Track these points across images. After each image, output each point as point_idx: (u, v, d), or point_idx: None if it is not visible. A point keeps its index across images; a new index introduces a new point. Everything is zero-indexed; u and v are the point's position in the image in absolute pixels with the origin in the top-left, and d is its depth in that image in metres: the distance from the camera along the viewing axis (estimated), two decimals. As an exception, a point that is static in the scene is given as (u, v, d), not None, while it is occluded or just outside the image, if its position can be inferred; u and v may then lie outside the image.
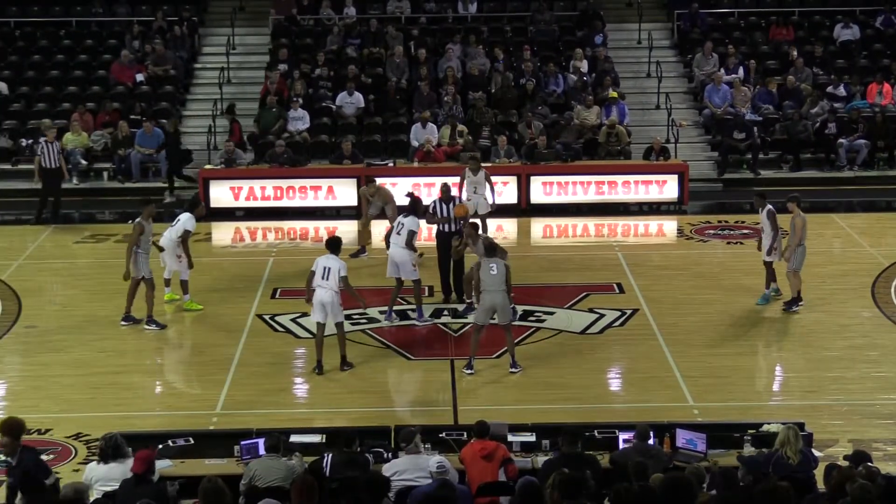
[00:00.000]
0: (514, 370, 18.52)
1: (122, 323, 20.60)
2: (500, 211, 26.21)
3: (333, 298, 18.46)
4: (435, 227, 21.75)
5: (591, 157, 29.55)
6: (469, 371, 18.44)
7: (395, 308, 20.87)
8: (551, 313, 20.97)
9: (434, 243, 21.79)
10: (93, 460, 13.43)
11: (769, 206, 20.99)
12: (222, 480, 11.14)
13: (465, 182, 24.23)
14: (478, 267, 18.47)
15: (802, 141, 30.75)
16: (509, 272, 18.52)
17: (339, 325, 18.77)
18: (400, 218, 20.81)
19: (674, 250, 25.32)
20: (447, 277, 21.48)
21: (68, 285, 23.00)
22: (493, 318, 18.48)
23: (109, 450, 12.78)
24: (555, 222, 27.47)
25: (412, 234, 20.33)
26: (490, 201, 24.23)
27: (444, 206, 21.50)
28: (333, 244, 18.89)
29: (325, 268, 18.50)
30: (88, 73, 33.09)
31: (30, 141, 30.19)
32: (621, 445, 13.82)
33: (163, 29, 33.60)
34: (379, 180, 27.40)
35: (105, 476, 12.65)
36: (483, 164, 27.58)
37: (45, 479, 12.25)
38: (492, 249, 18.76)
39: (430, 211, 21.56)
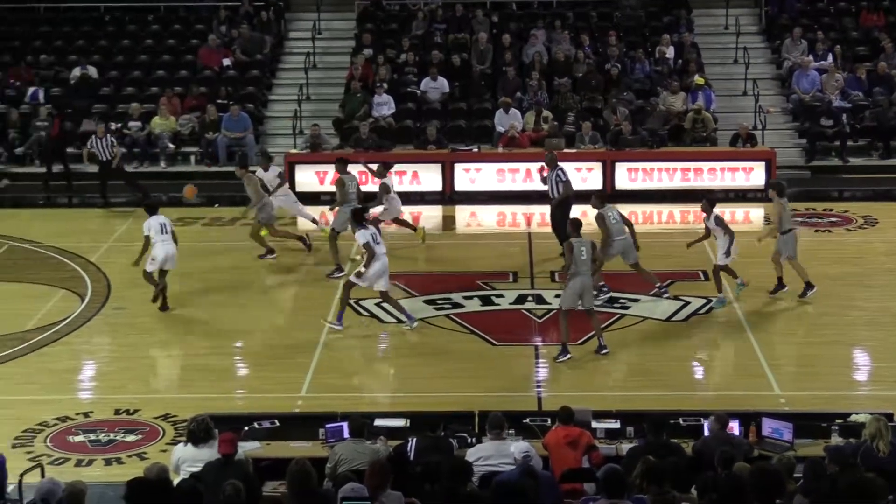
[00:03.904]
0: (605, 351, 18.47)
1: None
2: (584, 197, 26.07)
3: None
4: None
5: (677, 143, 29.31)
6: (566, 357, 18.34)
7: (478, 294, 20.92)
8: (636, 300, 20.88)
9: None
10: (180, 441, 13.55)
11: (715, 213, 20.56)
12: (309, 463, 11.22)
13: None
14: (570, 248, 18.34)
15: (893, 128, 30.30)
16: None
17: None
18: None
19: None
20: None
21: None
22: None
23: (200, 433, 12.81)
24: (640, 209, 27.20)
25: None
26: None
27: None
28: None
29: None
30: (176, 58, 33.40)
31: (118, 125, 30.54)
32: (706, 433, 13.67)
33: (249, 14, 33.81)
34: (464, 165, 27.56)
35: (193, 457, 12.72)
36: (567, 150, 27.58)
37: None
38: (579, 226, 18.80)
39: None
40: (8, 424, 16.30)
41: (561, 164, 23.22)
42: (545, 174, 23.14)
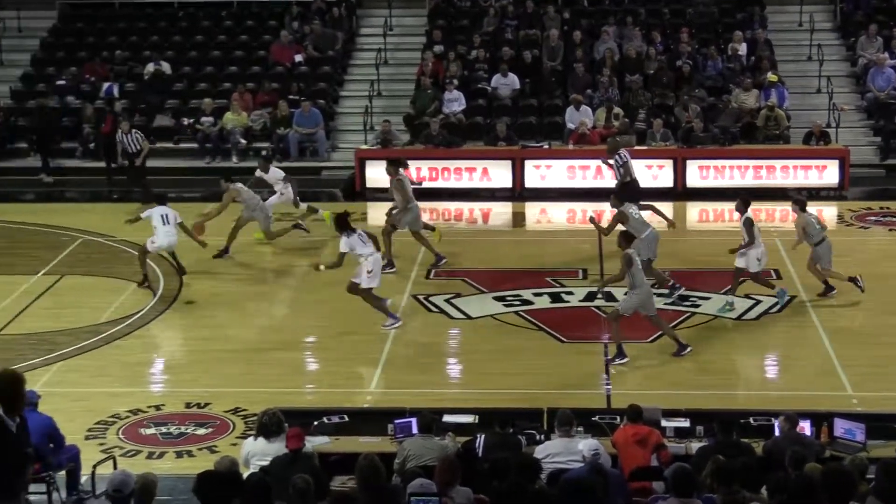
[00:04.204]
0: (688, 349, 18.35)
1: None
2: (656, 194, 25.97)
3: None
4: None
5: (749, 141, 29.01)
6: (623, 360, 18.21)
7: (548, 291, 20.86)
8: (707, 298, 20.72)
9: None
10: (250, 435, 13.58)
11: (747, 215, 20.20)
12: (378, 458, 11.19)
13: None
14: (629, 261, 18.02)
15: (969, 126, 29.90)
16: None
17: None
18: None
19: (833, 237, 24.50)
20: None
21: (226, 262, 23.24)
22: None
23: (273, 426, 12.89)
24: (711, 206, 27.11)
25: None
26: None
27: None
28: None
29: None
30: (248, 54, 33.58)
31: (191, 120, 30.78)
32: (776, 433, 13.56)
33: (321, 10, 33.92)
34: (534, 162, 27.56)
35: (262, 451, 12.79)
36: (638, 147, 27.45)
37: None
38: (631, 238, 18.73)
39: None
40: (82, 416, 16.48)
41: (622, 152, 23.87)
42: (609, 161, 23.77)
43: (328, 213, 23.80)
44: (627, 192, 23.04)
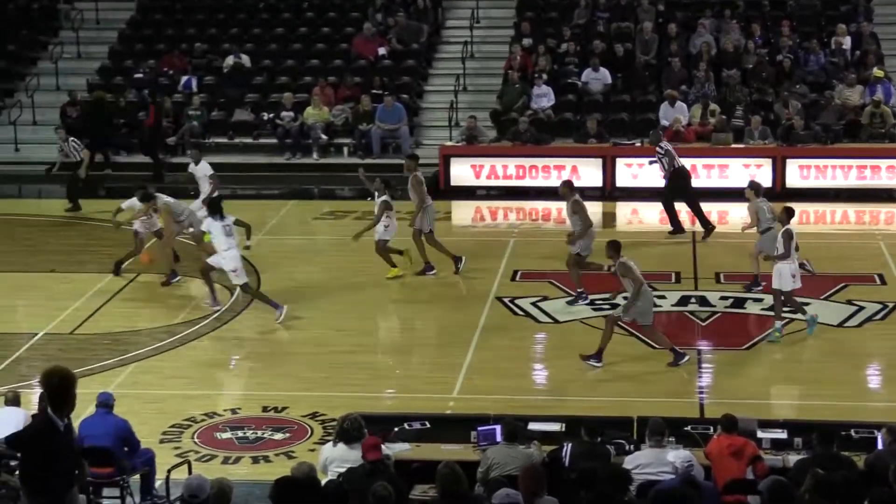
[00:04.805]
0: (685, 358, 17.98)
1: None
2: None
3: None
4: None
5: (853, 139, 28.38)
6: (598, 364, 17.75)
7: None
8: (806, 304, 19.97)
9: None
10: (328, 441, 13.31)
11: (787, 227, 18.93)
12: (459, 466, 10.97)
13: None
14: (628, 269, 17.84)
15: None
16: None
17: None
18: None
19: (941, 240, 24.07)
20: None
21: (307, 262, 23.11)
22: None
23: (354, 432, 12.63)
24: (812, 208, 26.50)
25: None
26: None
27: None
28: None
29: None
30: (330, 47, 33.44)
31: (271, 115, 30.55)
32: (879, 446, 13.00)
33: (406, 1, 33.66)
34: (626, 160, 26.95)
35: (341, 457, 12.56)
36: (735, 146, 26.78)
37: None
38: (619, 248, 18.36)
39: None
40: (156, 419, 16.34)
41: (662, 143, 24.32)
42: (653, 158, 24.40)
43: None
44: (678, 180, 23.64)
